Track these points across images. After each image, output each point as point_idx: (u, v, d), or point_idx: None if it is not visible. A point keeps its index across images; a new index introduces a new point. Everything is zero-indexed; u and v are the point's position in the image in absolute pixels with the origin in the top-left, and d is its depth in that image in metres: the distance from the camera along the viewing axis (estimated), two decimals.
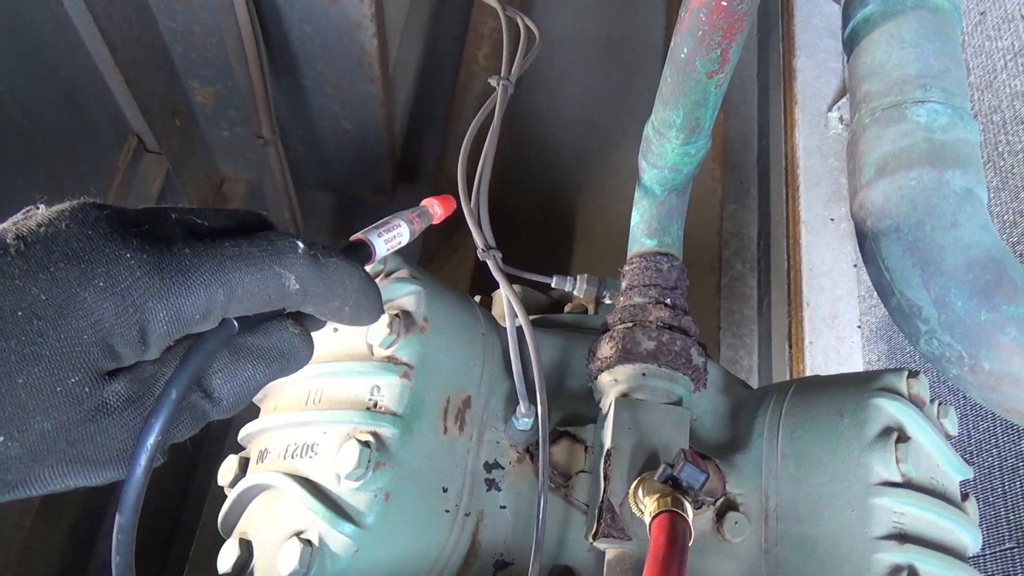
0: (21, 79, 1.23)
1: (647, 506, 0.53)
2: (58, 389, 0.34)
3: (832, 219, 1.89)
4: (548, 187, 2.13)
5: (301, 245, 0.41)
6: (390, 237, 0.52)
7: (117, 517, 0.38)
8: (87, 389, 0.35)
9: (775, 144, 2.14)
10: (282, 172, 1.54)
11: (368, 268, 0.49)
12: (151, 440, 0.37)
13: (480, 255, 0.65)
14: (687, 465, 0.52)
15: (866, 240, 0.49)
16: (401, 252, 0.77)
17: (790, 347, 1.77)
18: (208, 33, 1.50)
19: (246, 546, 0.67)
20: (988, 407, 0.46)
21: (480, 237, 0.65)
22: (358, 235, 0.50)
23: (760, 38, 2.49)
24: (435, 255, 1.81)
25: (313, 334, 0.55)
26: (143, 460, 0.37)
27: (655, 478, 0.54)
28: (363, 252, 0.50)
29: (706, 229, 2.06)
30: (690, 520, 0.52)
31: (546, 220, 2.09)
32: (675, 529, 0.48)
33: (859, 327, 1.74)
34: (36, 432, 0.34)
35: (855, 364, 1.70)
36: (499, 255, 0.66)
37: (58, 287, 0.34)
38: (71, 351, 0.34)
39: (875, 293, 1.58)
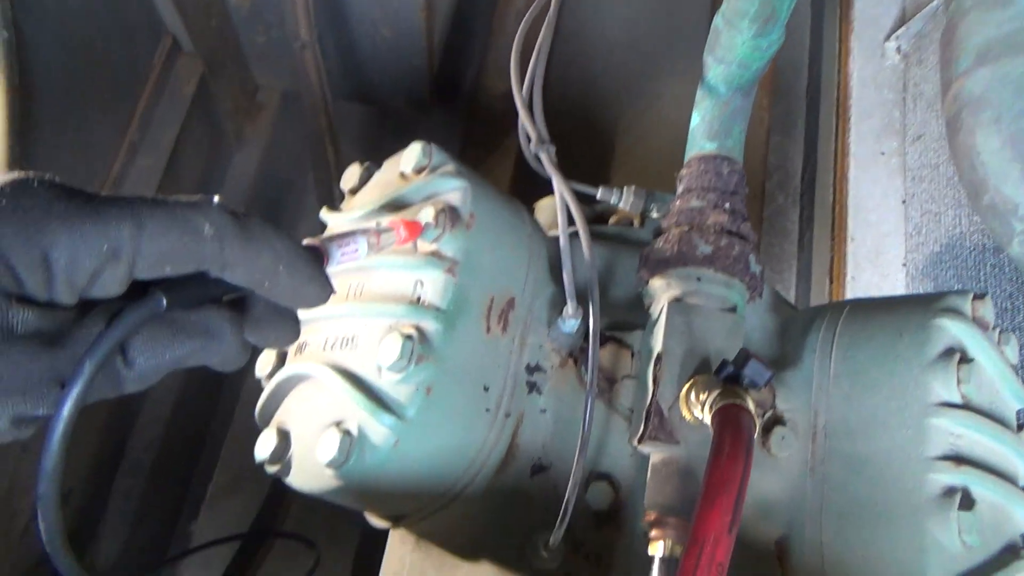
0: None
1: (705, 402, 0.51)
2: None
3: (883, 153, 1.82)
4: (588, 110, 2.07)
5: (217, 199, 0.40)
6: (345, 243, 0.51)
7: (38, 486, 0.36)
8: None
9: (827, 74, 2.06)
10: (319, 78, 1.50)
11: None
12: (75, 390, 0.35)
13: (532, 149, 0.62)
14: (752, 361, 0.49)
15: (959, 134, 0.45)
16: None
17: (831, 282, 1.73)
18: None
19: (284, 436, 0.67)
20: None
21: (533, 128, 0.62)
22: (311, 240, 0.48)
23: None
24: (478, 162, 1.78)
25: (355, 226, 0.54)
26: (65, 412, 0.35)
27: (714, 375, 0.52)
28: (314, 253, 0.47)
29: (750, 158, 1.99)
30: (755, 416, 0.50)
31: (584, 143, 2.03)
32: (739, 419, 0.47)
33: (904, 265, 1.69)
34: None
35: None
36: (553, 149, 0.63)
37: None
38: None
39: (923, 231, 1.53)
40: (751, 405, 0.50)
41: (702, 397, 0.52)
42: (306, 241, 0.48)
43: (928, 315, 0.66)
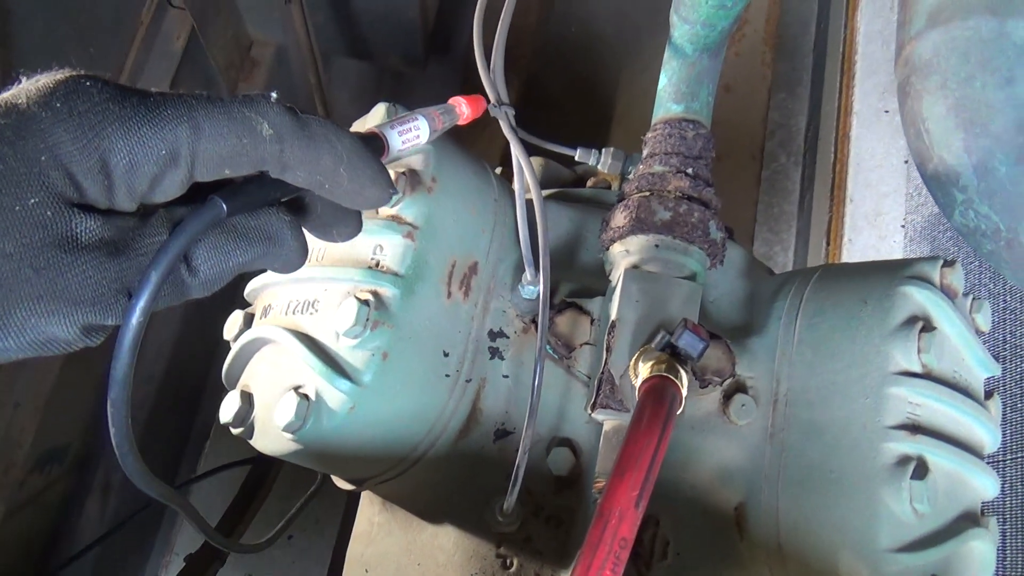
0: None
1: (641, 373, 0.51)
2: (16, 208, 0.33)
3: (887, 111, 1.78)
4: (588, 67, 2.03)
5: (275, 95, 0.39)
6: (406, 130, 0.49)
7: (109, 393, 0.37)
8: (49, 213, 0.34)
9: (834, 28, 2.00)
10: (307, 33, 1.48)
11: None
12: (142, 301, 0.35)
13: (491, 111, 0.61)
14: (686, 332, 0.49)
15: (907, 99, 0.44)
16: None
17: (828, 244, 1.71)
18: None
19: (247, 398, 0.67)
20: (1022, 287, 0.42)
21: (492, 90, 0.61)
22: (371, 127, 0.47)
23: None
24: (463, 133, 1.76)
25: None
26: (134, 321, 0.35)
27: (652, 346, 0.51)
28: (374, 144, 0.46)
29: (751, 117, 1.96)
30: (683, 388, 0.50)
31: (583, 101, 2.00)
32: (662, 393, 0.46)
33: (903, 226, 1.66)
34: None
35: None
36: (511, 111, 0.61)
37: (17, 111, 0.34)
38: (27, 171, 0.33)
39: (924, 191, 1.50)
40: (683, 377, 0.50)
41: (640, 367, 0.52)
42: (364, 129, 0.47)
43: (894, 282, 0.65)
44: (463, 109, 0.56)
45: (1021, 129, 0.39)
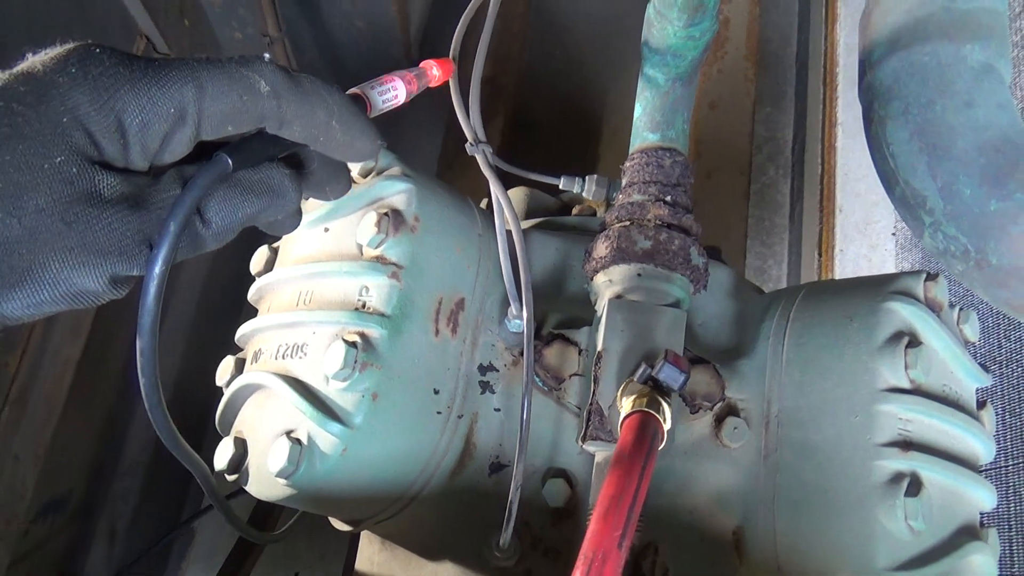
0: None
1: (624, 407, 0.51)
2: (45, 166, 0.35)
3: None
4: (573, 91, 2.05)
5: (268, 56, 0.42)
6: (385, 91, 0.52)
7: (137, 342, 0.39)
8: (75, 170, 0.36)
9: (815, 41, 2.02)
10: None
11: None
12: (163, 250, 0.38)
13: (468, 149, 0.62)
14: (666, 365, 0.49)
15: (872, 125, 0.44)
16: (411, 162, 0.74)
17: (820, 255, 1.71)
18: None
19: (241, 444, 0.67)
20: (995, 305, 0.42)
21: (469, 130, 0.62)
22: (353, 89, 0.50)
23: None
24: (453, 163, 1.77)
25: (305, 232, 0.56)
26: (157, 270, 0.38)
27: (635, 379, 0.52)
28: (358, 105, 0.49)
29: (736, 133, 1.98)
30: (665, 421, 0.50)
31: (571, 126, 2.02)
32: (643, 429, 0.46)
33: (894, 234, 1.67)
34: (31, 208, 0.35)
35: (887, 272, 1.64)
36: (489, 149, 0.62)
37: (35, 79, 0.36)
38: (52, 131, 0.36)
39: None
40: (665, 410, 0.50)
41: (624, 401, 0.52)
42: (348, 91, 0.49)
43: (878, 298, 0.65)
44: (433, 72, 0.59)
45: (982, 151, 0.40)
